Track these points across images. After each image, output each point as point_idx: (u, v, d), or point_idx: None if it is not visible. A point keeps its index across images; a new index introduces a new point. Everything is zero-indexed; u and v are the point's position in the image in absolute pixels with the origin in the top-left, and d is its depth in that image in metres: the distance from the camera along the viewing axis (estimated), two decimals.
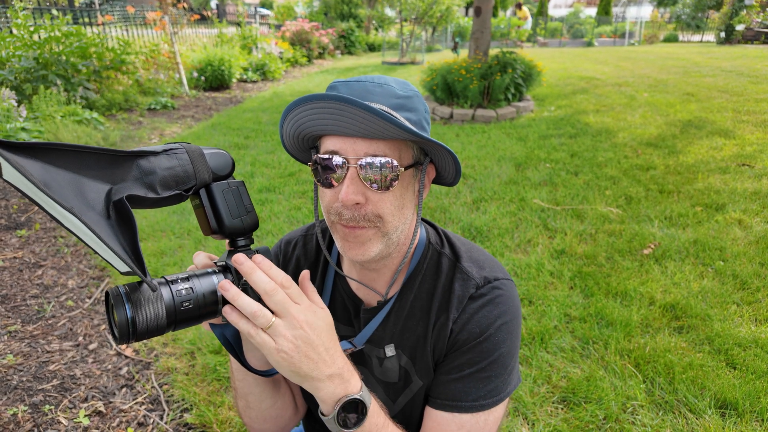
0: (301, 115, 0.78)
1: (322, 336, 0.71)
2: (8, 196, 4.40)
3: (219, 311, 0.70)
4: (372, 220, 0.81)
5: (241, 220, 0.72)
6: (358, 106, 0.70)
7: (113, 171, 0.61)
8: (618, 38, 23.92)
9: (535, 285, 2.89)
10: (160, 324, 0.63)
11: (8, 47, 6.91)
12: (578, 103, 8.01)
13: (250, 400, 0.96)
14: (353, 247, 0.83)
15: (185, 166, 0.67)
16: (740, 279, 2.87)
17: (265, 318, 0.66)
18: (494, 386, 0.89)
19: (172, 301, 0.64)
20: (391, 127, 0.72)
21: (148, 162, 0.64)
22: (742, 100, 7.46)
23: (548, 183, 4.56)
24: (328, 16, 22.21)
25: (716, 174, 4.54)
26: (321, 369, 0.71)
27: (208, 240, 3.53)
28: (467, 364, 0.89)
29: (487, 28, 7.71)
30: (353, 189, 0.78)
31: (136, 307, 0.61)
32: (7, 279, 3.12)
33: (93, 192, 0.58)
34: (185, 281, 0.67)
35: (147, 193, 0.63)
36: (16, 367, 2.36)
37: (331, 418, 0.73)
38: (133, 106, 8.04)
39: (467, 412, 0.88)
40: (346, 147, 0.79)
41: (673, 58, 13.56)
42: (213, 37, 12.90)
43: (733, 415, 1.96)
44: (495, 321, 0.89)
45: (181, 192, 0.67)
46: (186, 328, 0.68)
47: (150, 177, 0.64)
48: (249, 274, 0.67)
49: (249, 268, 0.67)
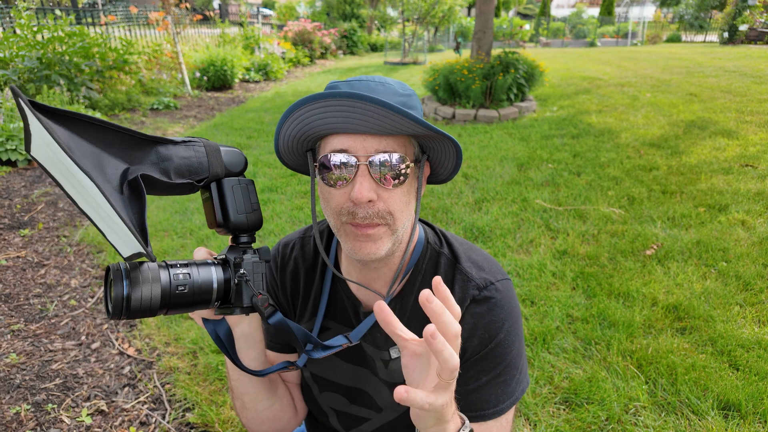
0: (307, 115, 0.77)
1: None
2: (12, 196, 4.41)
3: (212, 302, 0.70)
4: (384, 217, 0.80)
5: (246, 216, 0.73)
6: (372, 102, 0.70)
7: (132, 152, 0.63)
8: (621, 38, 23.89)
9: (537, 286, 2.89)
10: (154, 305, 0.63)
11: (12, 47, 6.93)
12: (581, 104, 8.00)
13: (245, 400, 0.95)
14: (365, 247, 0.82)
15: (200, 158, 0.70)
16: (743, 280, 2.86)
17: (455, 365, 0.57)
18: (511, 389, 0.90)
19: (168, 283, 0.65)
20: (406, 121, 0.72)
21: (166, 149, 0.67)
22: (745, 100, 7.44)
23: (550, 183, 4.56)
24: (330, 16, 22.23)
25: (719, 175, 4.53)
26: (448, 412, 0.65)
27: (210, 240, 3.53)
28: (483, 372, 0.89)
29: (489, 29, 7.71)
30: (366, 186, 0.77)
31: (133, 285, 0.61)
32: (10, 278, 3.13)
33: (111, 167, 0.60)
34: (184, 267, 0.68)
35: (161, 177, 0.65)
36: (19, 366, 2.37)
37: None
38: (136, 106, 8.06)
39: (491, 418, 0.89)
40: (356, 145, 0.78)
41: (676, 59, 13.53)
42: (215, 37, 12.93)
43: (736, 417, 1.95)
44: (503, 325, 0.89)
45: (193, 182, 0.69)
46: (179, 313, 0.69)
47: (166, 163, 0.66)
48: (441, 314, 0.57)
49: (440, 308, 0.57)
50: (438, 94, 7.71)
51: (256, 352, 0.87)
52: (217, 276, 0.70)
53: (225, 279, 0.71)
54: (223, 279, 0.71)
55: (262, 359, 0.88)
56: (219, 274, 0.70)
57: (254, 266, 0.73)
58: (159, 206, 4.24)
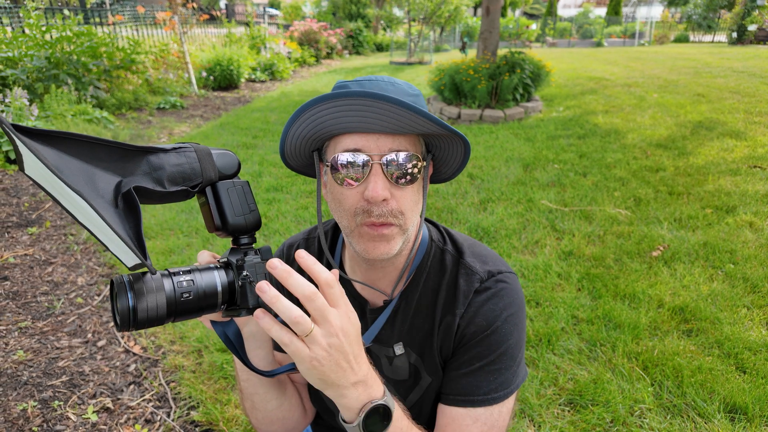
0: (320, 114, 0.77)
1: (352, 343, 0.69)
2: (20, 194, 4.45)
3: (218, 306, 0.70)
4: (396, 216, 0.81)
5: (244, 218, 0.73)
6: (391, 102, 0.70)
7: (124, 164, 0.63)
8: (628, 38, 23.75)
9: (542, 286, 2.88)
10: (160, 314, 0.64)
11: (21, 47, 6.99)
12: (587, 104, 7.96)
13: (255, 400, 0.95)
14: (378, 247, 0.82)
15: (193, 164, 0.69)
16: (751, 282, 2.83)
17: (306, 325, 0.62)
18: (504, 378, 0.89)
19: (173, 292, 0.65)
20: (421, 119, 0.73)
21: (157, 158, 0.66)
22: (754, 101, 7.38)
23: (556, 184, 4.54)
24: (336, 16, 22.25)
25: (727, 176, 4.49)
26: (348, 377, 0.69)
27: (215, 239, 3.55)
28: (476, 358, 0.89)
29: (495, 28, 7.69)
30: (381, 185, 0.77)
31: (138, 296, 0.62)
32: (18, 276, 3.16)
33: (103, 182, 0.60)
34: (187, 274, 0.68)
35: (155, 186, 0.65)
36: (26, 362, 2.39)
37: (356, 426, 0.71)
38: (143, 105, 8.10)
39: (480, 405, 0.88)
40: (369, 144, 0.78)
41: (683, 59, 13.44)
42: (222, 36, 12.98)
43: (743, 420, 1.94)
44: (501, 313, 0.89)
45: (187, 188, 0.69)
46: (186, 320, 0.69)
47: (158, 172, 0.65)
48: (285, 278, 0.63)
49: (284, 272, 0.63)
50: (444, 94, 7.70)
51: (265, 351, 0.87)
52: (220, 279, 0.70)
53: (229, 282, 0.71)
54: (227, 282, 0.71)
55: (270, 359, 0.89)
56: (222, 277, 0.70)
57: (256, 267, 0.73)
58: (165, 205, 4.26)
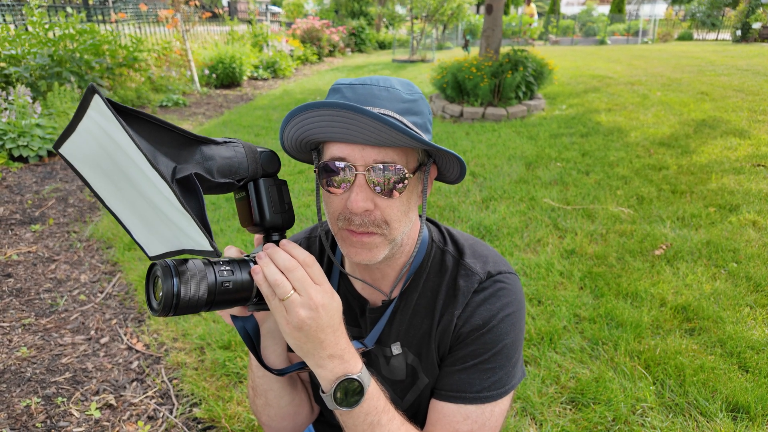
0: (306, 122, 0.77)
1: (333, 318, 0.72)
2: (23, 192, 4.46)
3: (251, 299, 0.73)
4: (379, 226, 0.80)
5: (281, 216, 0.77)
6: (368, 116, 0.69)
7: (180, 151, 0.65)
8: (631, 36, 23.65)
9: (544, 285, 2.87)
10: (201, 301, 0.66)
11: (24, 44, 6.99)
12: (590, 102, 7.94)
13: (269, 397, 0.97)
14: (360, 253, 0.83)
15: (241, 158, 0.72)
16: (754, 281, 2.82)
17: (284, 288, 0.69)
18: (498, 378, 0.89)
19: (214, 280, 0.68)
20: (402, 136, 0.72)
21: (209, 149, 0.68)
22: (758, 99, 7.34)
23: (559, 182, 4.53)
24: (338, 13, 22.21)
25: (730, 174, 4.48)
26: (325, 349, 0.73)
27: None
28: (471, 356, 0.89)
29: (498, 26, 7.67)
30: (362, 196, 0.77)
31: (182, 281, 0.64)
32: (21, 273, 3.17)
33: (163, 166, 0.62)
34: (227, 264, 0.71)
35: (206, 175, 0.67)
36: (30, 359, 2.40)
37: (329, 396, 0.75)
38: (145, 103, 8.12)
39: (472, 403, 0.88)
40: (354, 154, 0.77)
41: (687, 57, 13.38)
42: (224, 34, 12.96)
43: (745, 419, 1.94)
44: (498, 313, 0.89)
45: (233, 181, 0.71)
46: (220, 309, 0.72)
47: (209, 162, 0.68)
48: (272, 254, 0.71)
49: (272, 248, 0.71)
50: (446, 92, 7.68)
51: (281, 348, 0.90)
52: None
53: None
54: None
55: (284, 357, 0.91)
56: None
57: None
58: None
